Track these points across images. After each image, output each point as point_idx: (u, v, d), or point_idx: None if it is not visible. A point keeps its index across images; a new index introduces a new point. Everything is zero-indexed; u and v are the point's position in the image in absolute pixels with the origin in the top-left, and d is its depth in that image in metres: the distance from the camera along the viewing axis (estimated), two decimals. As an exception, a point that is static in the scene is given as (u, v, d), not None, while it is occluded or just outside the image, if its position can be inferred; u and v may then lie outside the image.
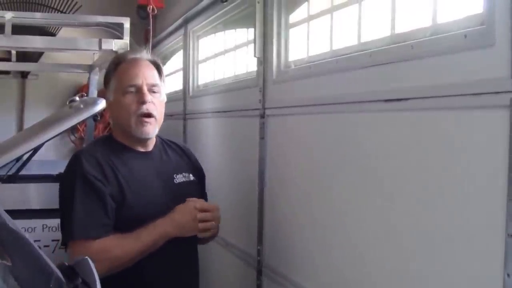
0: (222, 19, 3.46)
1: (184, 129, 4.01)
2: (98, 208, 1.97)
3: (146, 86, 2.07)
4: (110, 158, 2.07)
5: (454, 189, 1.41)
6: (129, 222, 2.00)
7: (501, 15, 1.28)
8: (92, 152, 2.10)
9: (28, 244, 1.17)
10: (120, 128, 2.14)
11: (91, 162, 2.02)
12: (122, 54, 2.30)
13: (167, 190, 2.12)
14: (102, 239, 1.95)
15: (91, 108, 3.32)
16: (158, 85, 2.12)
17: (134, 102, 2.06)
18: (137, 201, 2.03)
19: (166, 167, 2.19)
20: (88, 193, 1.98)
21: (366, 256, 1.80)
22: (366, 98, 1.79)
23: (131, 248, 1.96)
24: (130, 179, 2.05)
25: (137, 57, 2.16)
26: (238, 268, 2.89)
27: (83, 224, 1.96)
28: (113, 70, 2.15)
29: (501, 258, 1.23)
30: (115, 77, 2.13)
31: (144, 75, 2.09)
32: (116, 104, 2.10)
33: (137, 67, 2.11)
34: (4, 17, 3.11)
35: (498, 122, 1.26)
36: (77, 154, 2.10)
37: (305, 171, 2.22)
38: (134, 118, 2.06)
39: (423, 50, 1.55)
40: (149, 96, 2.06)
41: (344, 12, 2.09)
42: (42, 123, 3.58)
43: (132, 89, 2.06)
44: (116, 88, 2.11)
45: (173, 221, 2.01)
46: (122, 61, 2.15)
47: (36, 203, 3.20)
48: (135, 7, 4.34)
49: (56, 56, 5.37)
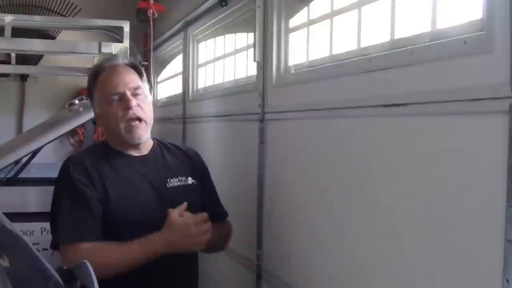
0: (222, 23, 3.46)
1: (183, 132, 4.00)
2: (84, 212, 1.98)
3: (129, 91, 2.07)
4: (99, 163, 2.08)
5: (454, 195, 1.41)
6: (114, 226, 2.01)
7: (500, 21, 1.28)
8: (80, 158, 2.12)
9: (27, 247, 1.17)
10: (112, 136, 2.15)
11: (77, 168, 2.05)
12: (99, 65, 2.27)
13: (158, 195, 2.11)
14: (91, 243, 1.96)
15: (91, 111, 3.31)
16: (140, 87, 2.12)
17: (120, 110, 2.06)
18: (121, 206, 2.03)
19: (160, 171, 2.17)
20: (75, 198, 2.00)
21: (365, 261, 1.80)
22: (366, 103, 1.79)
23: (121, 258, 1.95)
24: (116, 184, 2.06)
25: (114, 64, 2.15)
26: (238, 272, 2.89)
27: (70, 227, 1.98)
28: (93, 83, 2.15)
29: (500, 263, 1.23)
30: (97, 89, 2.13)
31: (125, 81, 2.09)
32: (104, 115, 2.11)
33: (116, 74, 2.10)
34: (4, 20, 3.11)
35: (497, 127, 1.26)
36: (66, 161, 2.12)
37: (304, 175, 2.22)
38: (122, 125, 2.06)
39: (423, 55, 1.55)
40: (134, 101, 2.06)
41: (344, 17, 2.09)
42: (42, 126, 3.57)
43: (115, 97, 2.06)
44: (100, 99, 2.12)
45: (168, 241, 1.97)
46: (101, 72, 2.14)
47: (35, 206, 3.19)
48: (135, 11, 4.35)
49: (56, 59, 5.36)
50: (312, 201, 2.16)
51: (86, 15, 5.08)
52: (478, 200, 1.33)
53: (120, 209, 2.03)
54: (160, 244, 1.96)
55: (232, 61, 3.36)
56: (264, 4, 2.60)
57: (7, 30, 3.10)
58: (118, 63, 2.16)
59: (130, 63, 2.19)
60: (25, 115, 5.85)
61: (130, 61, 2.21)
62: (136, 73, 2.15)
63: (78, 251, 1.93)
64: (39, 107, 5.68)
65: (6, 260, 1.11)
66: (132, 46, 3.55)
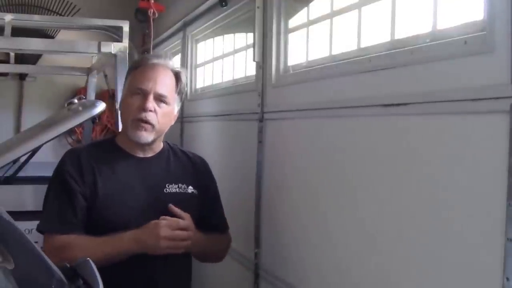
0: (221, 23, 3.47)
1: (181, 132, 4.01)
2: (67, 206, 2.00)
3: (154, 94, 2.04)
4: (96, 158, 2.08)
5: (454, 194, 1.42)
6: (98, 223, 2.01)
7: (501, 22, 1.29)
8: (78, 151, 2.15)
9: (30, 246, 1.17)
10: (123, 130, 2.15)
11: (72, 161, 2.07)
12: (145, 57, 2.26)
13: (152, 198, 2.08)
14: (66, 236, 1.97)
15: (90, 110, 3.31)
16: (167, 97, 2.07)
17: (136, 106, 2.04)
18: (109, 203, 2.02)
19: (160, 175, 2.15)
20: (61, 191, 2.03)
21: (363, 260, 1.80)
22: (365, 103, 1.80)
23: (93, 253, 1.83)
24: (108, 181, 2.05)
25: (158, 62, 2.11)
26: (236, 271, 2.89)
27: (50, 218, 2.03)
28: (130, 71, 2.15)
29: (500, 262, 1.24)
30: (130, 77, 2.12)
31: (156, 82, 2.05)
32: (124, 102, 2.12)
33: (153, 72, 2.07)
34: (4, 19, 3.11)
35: (498, 127, 1.27)
36: (65, 153, 2.15)
37: (303, 175, 2.22)
38: (131, 120, 2.05)
39: (423, 55, 1.56)
40: (152, 104, 2.03)
41: (344, 17, 2.10)
42: (41, 125, 3.57)
43: (139, 92, 2.05)
44: (127, 87, 2.12)
45: (136, 239, 1.95)
46: (142, 64, 2.12)
47: (34, 205, 3.19)
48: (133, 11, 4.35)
49: (54, 58, 5.37)
50: (310, 200, 2.16)
51: (85, 15, 5.08)
52: (479, 199, 1.34)
53: (106, 206, 2.02)
54: (128, 241, 1.95)
55: (230, 61, 3.36)
56: (264, 4, 2.60)
57: (7, 29, 3.10)
58: (161, 63, 2.11)
59: (173, 68, 2.13)
60: (23, 114, 5.84)
61: (176, 67, 2.16)
62: (174, 80, 2.11)
63: (55, 242, 1.98)
64: (38, 106, 5.68)
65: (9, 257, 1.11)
66: (131, 46, 3.56)
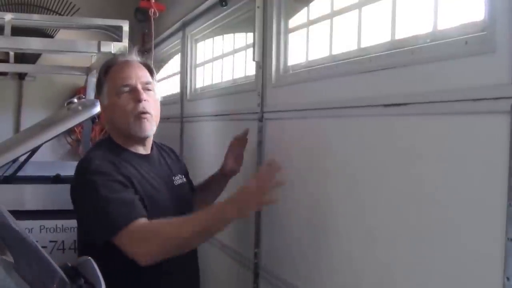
0: (220, 23, 3.46)
1: (181, 132, 4.01)
2: (127, 194, 1.94)
3: (140, 84, 2.08)
4: (120, 162, 2.04)
5: (455, 194, 1.42)
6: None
7: (502, 22, 1.29)
8: (100, 156, 2.04)
9: (32, 245, 1.18)
10: (118, 131, 2.13)
11: (105, 163, 2.00)
12: (112, 59, 2.28)
13: (170, 193, 2.13)
14: (148, 221, 1.90)
15: (89, 110, 3.33)
16: (151, 83, 2.14)
17: (130, 102, 2.06)
18: (150, 205, 2.00)
19: (165, 169, 2.20)
20: (112, 185, 1.94)
21: (363, 260, 1.80)
22: (366, 103, 1.80)
23: (185, 228, 1.88)
24: (142, 182, 2.04)
25: (127, 59, 2.17)
26: (235, 271, 2.90)
27: (119, 212, 1.90)
28: (104, 75, 2.15)
29: (501, 261, 1.25)
30: (107, 81, 2.13)
31: (137, 74, 2.10)
32: (111, 106, 2.10)
33: (129, 67, 2.12)
34: (4, 18, 3.12)
35: (498, 127, 1.27)
36: (87, 158, 2.06)
37: (303, 175, 2.22)
38: (131, 116, 2.06)
39: (423, 55, 1.56)
40: (145, 95, 2.07)
41: (344, 17, 2.10)
42: (40, 124, 3.58)
43: (126, 89, 2.07)
44: (109, 90, 2.11)
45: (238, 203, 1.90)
46: (113, 64, 2.15)
47: (34, 204, 3.21)
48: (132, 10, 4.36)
49: (54, 58, 5.37)
50: (310, 200, 2.16)
51: (85, 15, 5.08)
52: (479, 199, 1.34)
53: (150, 207, 1.99)
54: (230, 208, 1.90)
55: (230, 61, 3.36)
56: (264, 4, 2.60)
57: (6, 28, 3.10)
58: (132, 59, 2.17)
59: (143, 61, 2.20)
60: (22, 114, 5.85)
61: (143, 60, 2.22)
62: (147, 71, 2.17)
63: (139, 229, 1.88)
64: (37, 106, 5.69)
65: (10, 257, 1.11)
66: (130, 46, 3.56)
